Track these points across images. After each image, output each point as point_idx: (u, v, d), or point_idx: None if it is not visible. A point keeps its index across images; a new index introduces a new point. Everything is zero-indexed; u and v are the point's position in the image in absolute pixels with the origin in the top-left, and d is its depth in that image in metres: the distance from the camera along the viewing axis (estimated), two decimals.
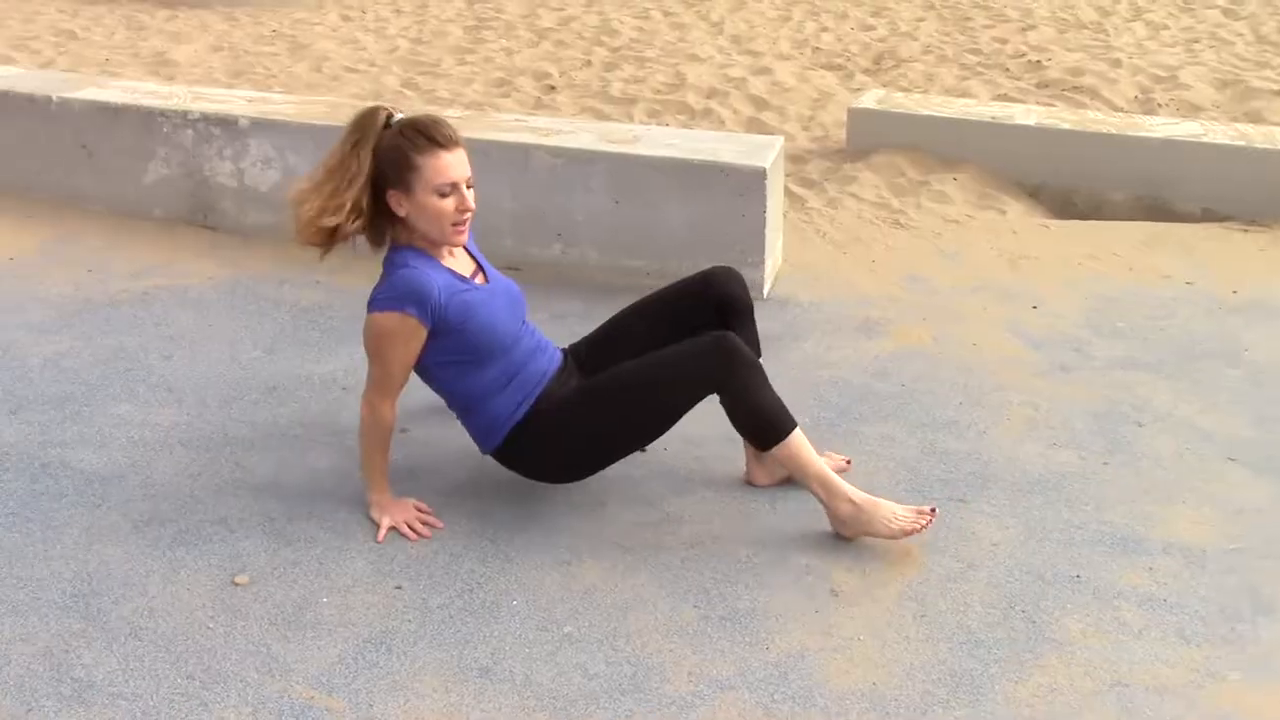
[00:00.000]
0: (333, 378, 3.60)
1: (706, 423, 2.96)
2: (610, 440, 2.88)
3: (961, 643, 2.52)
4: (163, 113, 4.64)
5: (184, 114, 4.60)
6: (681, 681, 2.41)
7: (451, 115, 4.50)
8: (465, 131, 4.29)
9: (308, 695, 2.35)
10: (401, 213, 2.78)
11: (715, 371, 2.77)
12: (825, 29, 8.19)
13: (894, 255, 4.54)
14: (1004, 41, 7.83)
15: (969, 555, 2.80)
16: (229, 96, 4.81)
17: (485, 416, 2.88)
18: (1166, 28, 8.16)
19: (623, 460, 2.98)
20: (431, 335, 2.77)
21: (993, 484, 3.09)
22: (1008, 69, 7.13)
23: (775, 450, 2.81)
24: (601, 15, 8.55)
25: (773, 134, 5.93)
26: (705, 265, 4.06)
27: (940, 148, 5.37)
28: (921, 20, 8.46)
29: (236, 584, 2.67)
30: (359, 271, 4.32)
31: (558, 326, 3.91)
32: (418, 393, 3.03)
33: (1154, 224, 4.87)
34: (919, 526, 2.77)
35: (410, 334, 2.75)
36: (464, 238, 2.85)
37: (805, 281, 4.28)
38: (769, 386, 2.82)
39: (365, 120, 2.78)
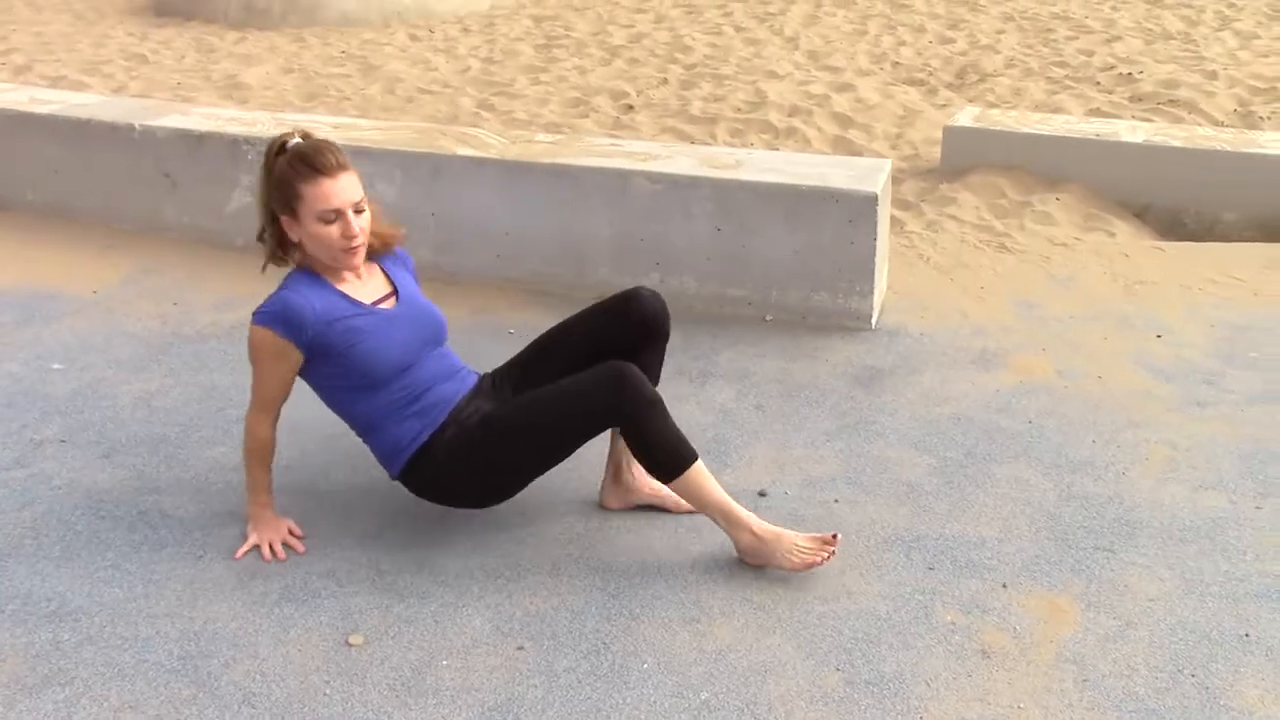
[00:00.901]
0: None
1: (831, 463, 2.80)
2: (511, 469, 2.81)
3: (1131, 712, 2.33)
4: (246, 139, 4.54)
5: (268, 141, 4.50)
6: None
7: (544, 140, 4.39)
8: (559, 157, 4.19)
9: None
10: (294, 238, 2.79)
11: (613, 404, 2.69)
12: (903, 43, 8.00)
13: (1002, 281, 4.34)
14: (1090, 53, 7.60)
15: (1125, 612, 2.61)
16: (314, 122, 4.70)
17: (385, 441, 2.84)
18: (1258, 37, 7.90)
19: (750, 509, 2.82)
20: (319, 359, 2.78)
21: (1140, 531, 2.89)
22: (1098, 82, 6.91)
23: (677, 482, 2.72)
24: (672, 31, 8.41)
25: (861, 152, 5.76)
26: (809, 294, 3.95)
27: (1041, 167, 5.17)
28: (1001, 32, 8.24)
29: (351, 645, 2.53)
30: (452, 301, 4.21)
31: None
32: None
33: (1275, 245, 4.65)
34: (820, 560, 2.69)
35: (279, 352, 2.75)
36: (357, 261, 2.81)
37: (913, 310, 4.10)
38: (668, 418, 2.72)
39: (267, 148, 2.81)
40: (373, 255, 2.93)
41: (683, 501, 2.93)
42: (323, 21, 8.76)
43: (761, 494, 3.05)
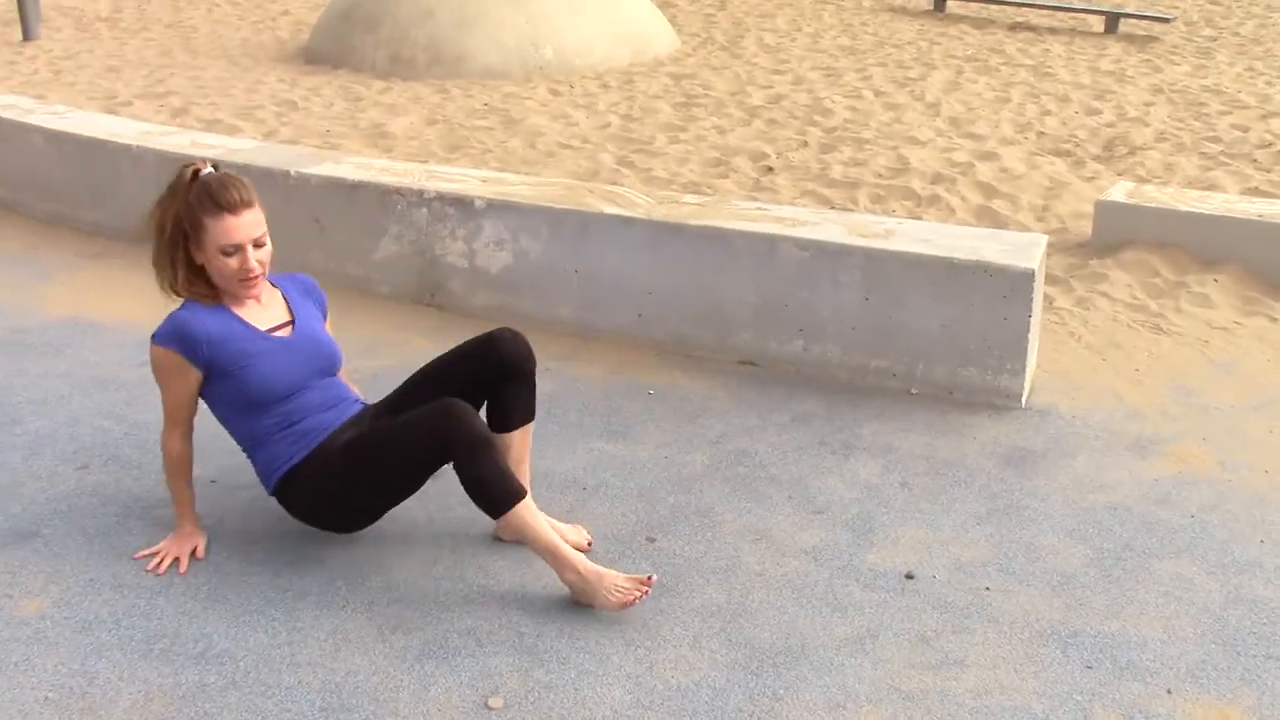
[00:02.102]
0: (572, 476, 3.44)
1: (982, 548, 2.69)
2: (364, 494, 2.94)
3: None
4: (398, 190, 4.61)
5: (419, 192, 4.57)
6: None
7: (691, 201, 4.37)
8: (706, 219, 4.17)
9: None
10: (199, 261, 2.95)
11: (439, 438, 2.79)
12: (1048, 112, 7.86)
13: (1158, 363, 4.19)
14: (1245, 129, 7.37)
15: None
16: (464, 176, 4.76)
17: (262, 460, 3.01)
18: None
19: (895, 592, 2.74)
20: (212, 378, 2.96)
21: None
22: (1255, 159, 6.69)
23: (503, 519, 2.79)
24: (812, 94, 8.39)
25: (1006, 223, 5.64)
26: (957, 369, 3.86)
27: (1197, 246, 4.99)
28: (1150, 105, 8.05)
29: (490, 708, 2.50)
30: (590, 359, 4.22)
31: (800, 429, 3.71)
32: (670, 498, 2.83)
33: None
34: (634, 598, 2.76)
35: (179, 369, 2.94)
36: (254, 291, 2.98)
37: (1064, 390, 3.97)
38: (494, 456, 2.79)
39: (174, 179, 2.96)
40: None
41: (568, 536, 3.02)
42: (466, 74, 8.93)
43: (909, 576, 2.96)
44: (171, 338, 2.92)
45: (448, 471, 2.98)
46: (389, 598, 2.87)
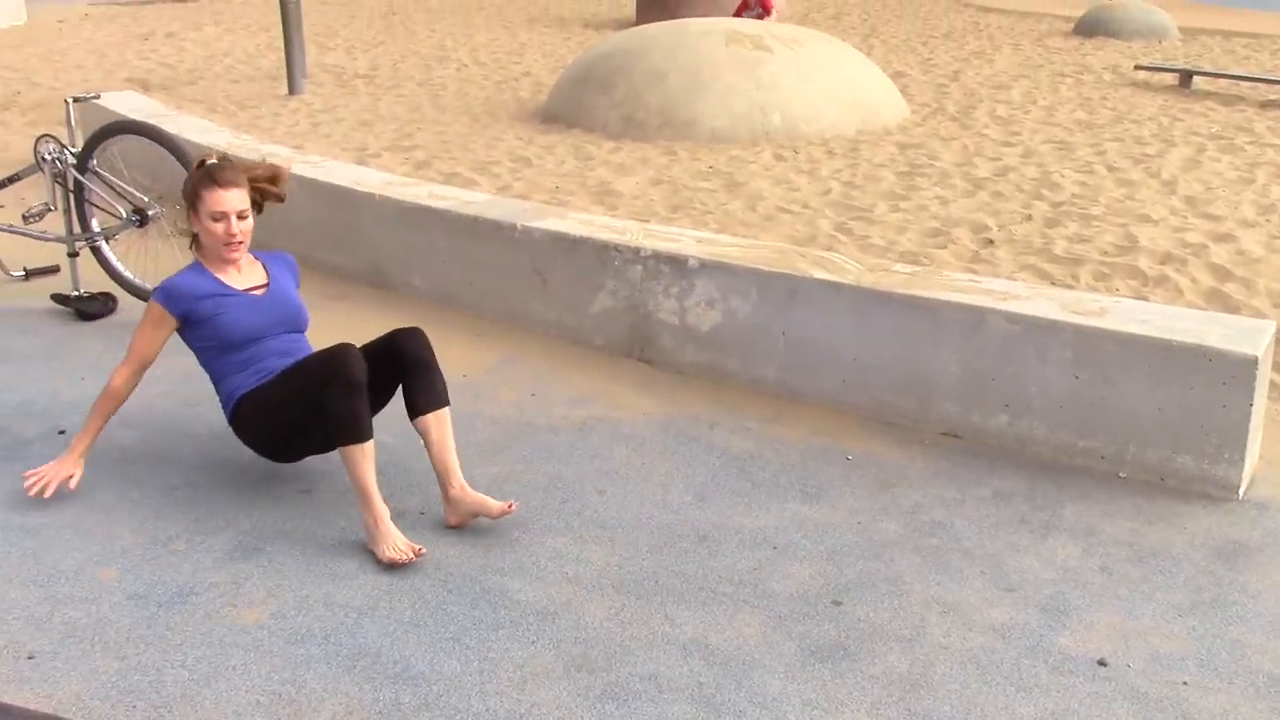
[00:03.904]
0: (764, 534, 3.49)
1: (1183, 641, 2.59)
2: (280, 424, 3.55)
3: None
4: (616, 247, 4.79)
5: (636, 250, 4.73)
6: None
7: (902, 270, 4.39)
8: (915, 288, 4.18)
9: None
10: (195, 229, 3.74)
11: (324, 370, 3.39)
12: None
13: None
14: None
15: None
16: (680, 235, 4.90)
17: (223, 391, 3.71)
18: None
19: (1086, 678, 2.67)
20: (194, 325, 3.67)
21: None
22: None
23: (340, 452, 3.37)
24: (1041, 167, 8.24)
25: (1239, 309, 5.41)
26: (1171, 455, 3.74)
27: None
28: None
29: None
30: (791, 421, 4.27)
31: (999, 505, 3.65)
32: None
33: None
34: (402, 559, 3.25)
35: (156, 318, 3.66)
36: (237, 255, 3.71)
37: None
38: (356, 398, 3.35)
39: (195, 163, 3.79)
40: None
41: (494, 508, 3.44)
42: (694, 137, 9.14)
43: (1101, 663, 2.88)
44: (160, 292, 3.68)
45: (605, 513, 3.07)
46: (576, 637, 2.97)
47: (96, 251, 5.46)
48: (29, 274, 5.84)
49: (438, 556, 3.34)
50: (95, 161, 5.28)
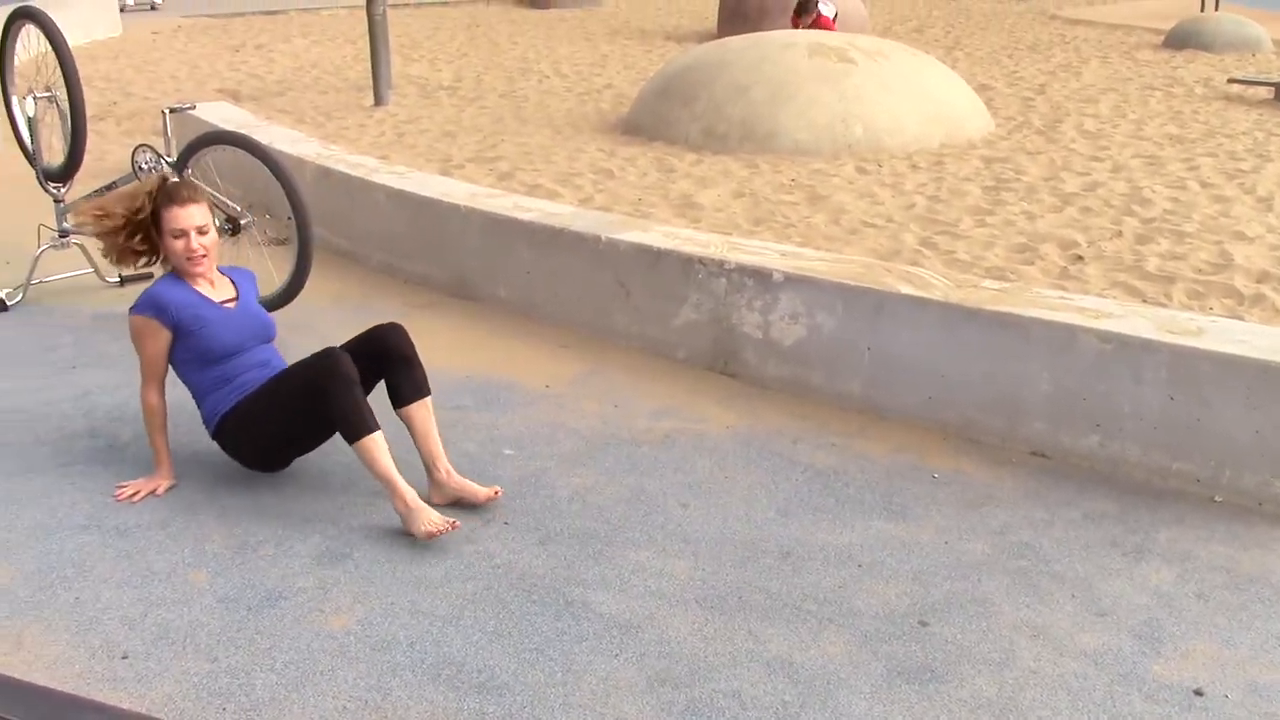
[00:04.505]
0: (848, 552, 3.46)
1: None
2: (267, 434, 3.74)
3: None
4: (700, 260, 4.78)
5: (720, 263, 4.72)
6: None
7: (991, 286, 4.33)
8: (1004, 305, 4.12)
9: None
10: (161, 249, 3.87)
11: (314, 375, 3.56)
12: None
13: None
14: None
15: None
16: (764, 249, 4.88)
17: (205, 407, 3.83)
18: None
19: (1181, 707, 2.60)
20: (178, 336, 3.77)
21: None
22: None
23: (355, 446, 3.51)
24: (1131, 182, 8.09)
25: None
26: (1269, 479, 3.64)
27: None
28: None
29: None
30: (876, 437, 4.23)
31: (1090, 527, 3.59)
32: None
33: None
34: (438, 530, 3.41)
35: (153, 332, 3.77)
36: (200, 269, 3.83)
37: None
38: (354, 393, 3.52)
39: (150, 186, 3.90)
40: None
41: (480, 494, 3.64)
42: (776, 150, 9.11)
43: (1198, 693, 2.81)
44: (146, 306, 3.78)
45: (689, 527, 3.05)
46: (660, 651, 2.97)
47: None
48: (124, 280, 5.97)
49: (522, 567, 3.35)
50: (190, 171, 5.39)
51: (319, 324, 5.27)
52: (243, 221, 5.24)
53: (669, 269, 4.89)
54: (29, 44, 6.45)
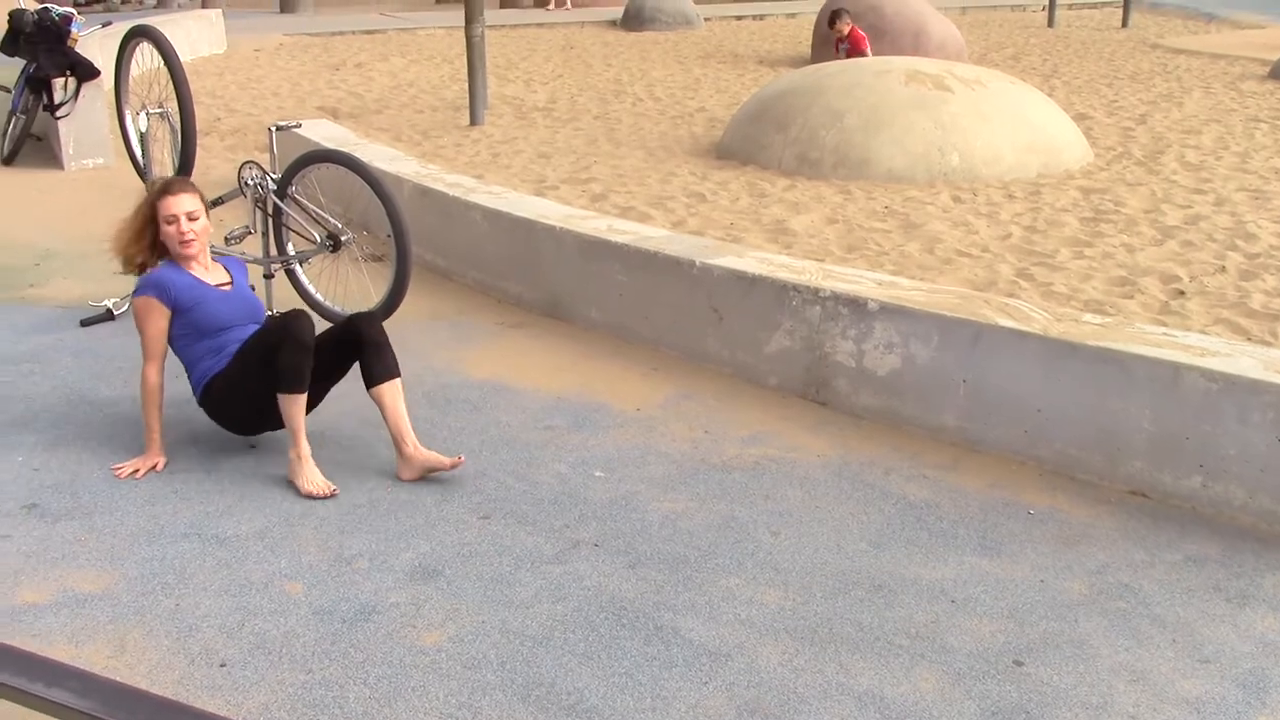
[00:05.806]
0: (941, 587, 3.41)
1: None
2: (242, 395, 4.08)
3: None
4: (795, 287, 4.76)
5: (815, 290, 4.70)
6: None
7: (1092, 321, 4.26)
8: (1106, 340, 4.05)
9: None
10: (162, 239, 4.21)
11: (274, 335, 3.96)
12: None
13: None
14: None
15: None
16: (859, 277, 4.85)
17: (194, 375, 4.20)
18: None
19: None
20: (177, 314, 4.12)
21: None
22: None
23: (280, 397, 3.94)
24: (1235, 216, 7.90)
25: None
26: None
27: None
28: None
29: None
30: (970, 471, 4.17)
31: (1192, 571, 3.50)
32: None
33: None
34: (319, 493, 3.88)
35: (156, 312, 4.11)
36: (191, 252, 4.19)
37: None
38: (301, 355, 3.92)
39: (152, 187, 4.30)
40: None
41: (445, 462, 3.97)
42: (869, 176, 9.06)
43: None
44: (148, 287, 4.13)
45: (779, 555, 3.02)
46: (749, 680, 2.95)
47: (291, 274, 5.68)
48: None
49: (612, 590, 3.36)
50: (294, 188, 5.51)
51: (413, 341, 5.34)
52: (343, 238, 5.34)
53: (763, 295, 4.88)
54: (142, 61, 6.63)
